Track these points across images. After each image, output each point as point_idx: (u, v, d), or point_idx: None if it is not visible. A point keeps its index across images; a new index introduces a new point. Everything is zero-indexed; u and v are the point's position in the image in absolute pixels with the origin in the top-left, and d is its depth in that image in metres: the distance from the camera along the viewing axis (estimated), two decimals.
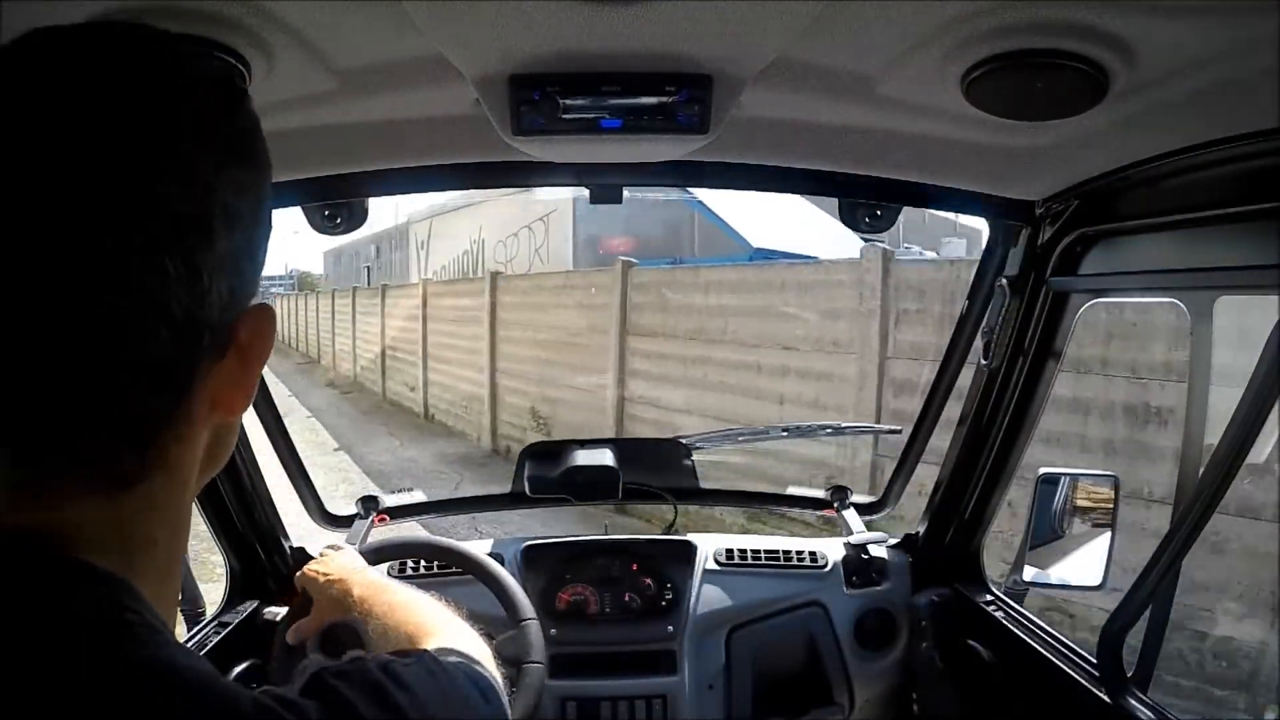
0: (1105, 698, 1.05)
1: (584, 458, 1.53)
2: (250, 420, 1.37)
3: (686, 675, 1.43)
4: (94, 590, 0.35)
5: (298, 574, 1.05)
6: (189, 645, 1.23)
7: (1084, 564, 1.23)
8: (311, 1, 0.67)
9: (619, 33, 0.69)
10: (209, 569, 2.12)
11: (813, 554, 1.54)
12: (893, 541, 1.57)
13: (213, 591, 1.48)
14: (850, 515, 1.60)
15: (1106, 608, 1.07)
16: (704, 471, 1.66)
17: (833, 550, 1.55)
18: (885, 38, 0.72)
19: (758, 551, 1.54)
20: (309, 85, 0.81)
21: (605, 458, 1.53)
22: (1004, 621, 1.33)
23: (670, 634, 1.45)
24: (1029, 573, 1.27)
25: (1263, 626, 2.94)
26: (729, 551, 1.53)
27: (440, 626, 0.76)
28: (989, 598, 1.40)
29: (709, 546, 1.54)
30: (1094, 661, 1.10)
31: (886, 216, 1.19)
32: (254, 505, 1.37)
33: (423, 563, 1.44)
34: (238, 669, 1.27)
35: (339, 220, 1.15)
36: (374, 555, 1.32)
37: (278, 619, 1.24)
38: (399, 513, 1.59)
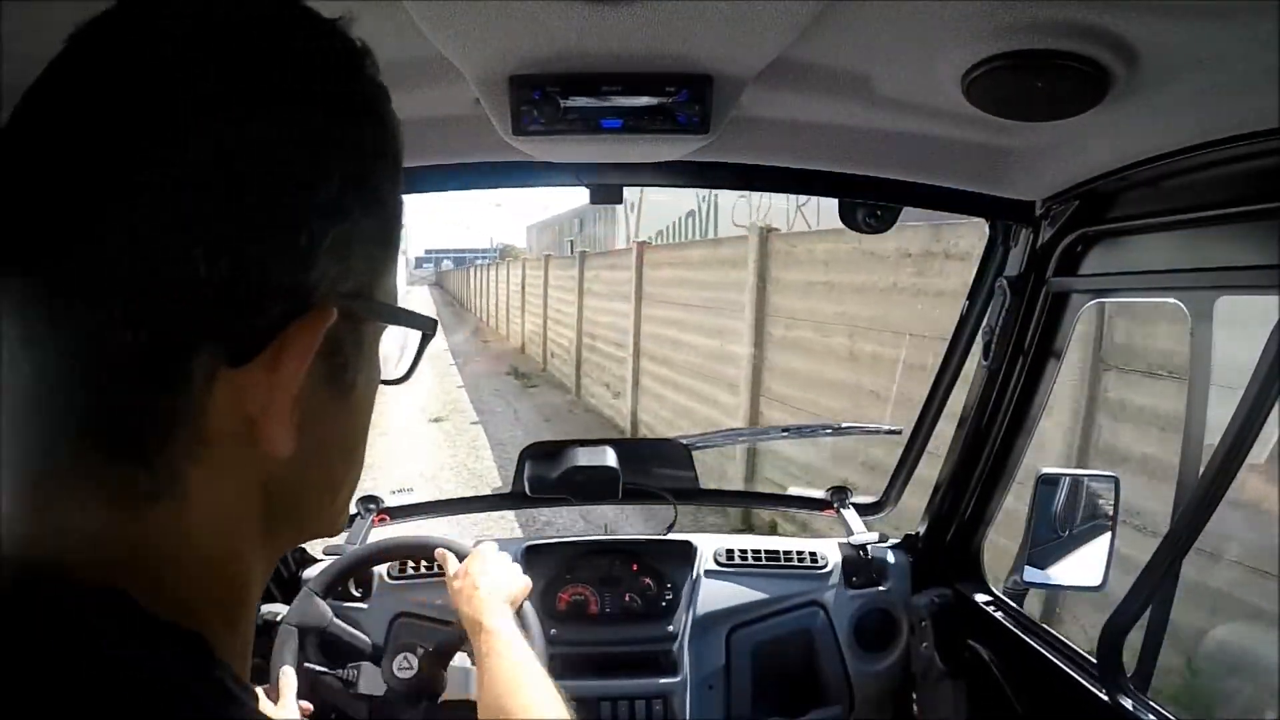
0: (1105, 697, 1.05)
1: (584, 457, 1.53)
2: None
3: (686, 675, 1.43)
4: (168, 648, 0.30)
5: (466, 560, 1.07)
6: None
7: (1084, 564, 1.23)
8: (311, 2, 0.67)
9: (619, 33, 0.69)
10: None
11: (813, 554, 1.54)
12: (893, 541, 1.57)
13: None
14: (850, 515, 1.60)
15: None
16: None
17: (833, 550, 1.55)
18: (885, 37, 0.72)
19: (758, 552, 1.55)
20: None
21: (605, 457, 1.52)
22: (1004, 621, 1.33)
23: (670, 634, 1.45)
24: (1029, 573, 1.27)
25: None
26: (729, 551, 1.53)
27: (536, 707, 0.81)
28: (989, 598, 1.40)
29: (709, 546, 1.54)
30: (1094, 661, 1.10)
31: (886, 216, 1.19)
32: None
33: (423, 563, 1.44)
34: None
35: None
36: (381, 555, 1.33)
37: (278, 619, 1.24)
38: (399, 513, 1.59)
